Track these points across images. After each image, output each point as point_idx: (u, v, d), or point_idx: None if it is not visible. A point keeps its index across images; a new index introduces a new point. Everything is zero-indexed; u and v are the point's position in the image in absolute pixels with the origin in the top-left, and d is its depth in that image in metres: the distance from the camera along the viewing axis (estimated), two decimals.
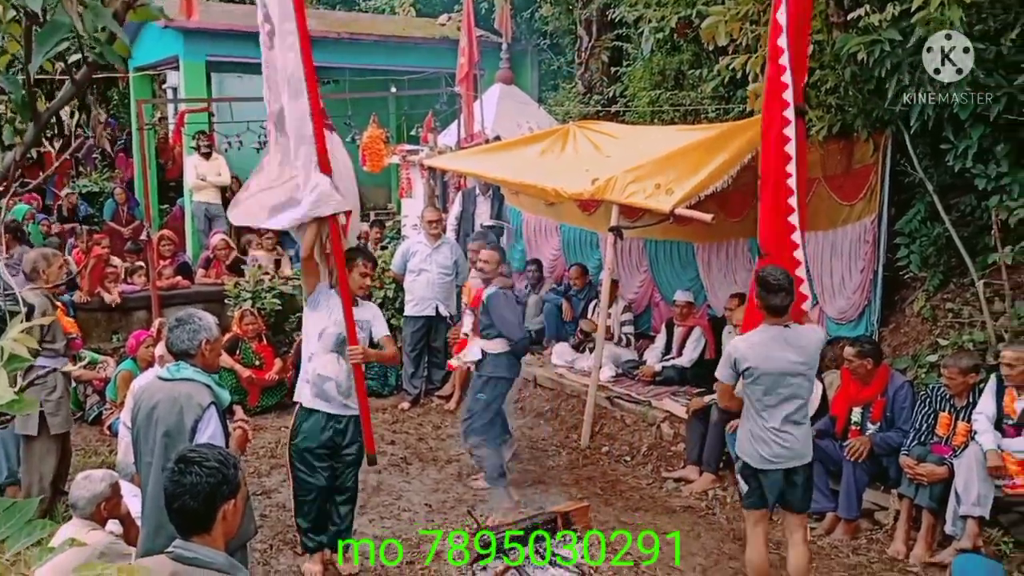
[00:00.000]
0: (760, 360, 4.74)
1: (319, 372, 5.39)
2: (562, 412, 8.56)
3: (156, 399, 4.01)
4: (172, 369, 4.08)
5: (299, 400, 5.53)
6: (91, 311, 9.99)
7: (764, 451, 4.84)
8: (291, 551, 5.98)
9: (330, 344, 5.38)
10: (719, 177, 7.11)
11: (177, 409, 3.94)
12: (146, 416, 4.01)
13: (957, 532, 5.54)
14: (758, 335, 4.85)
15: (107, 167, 16.02)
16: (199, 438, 3.82)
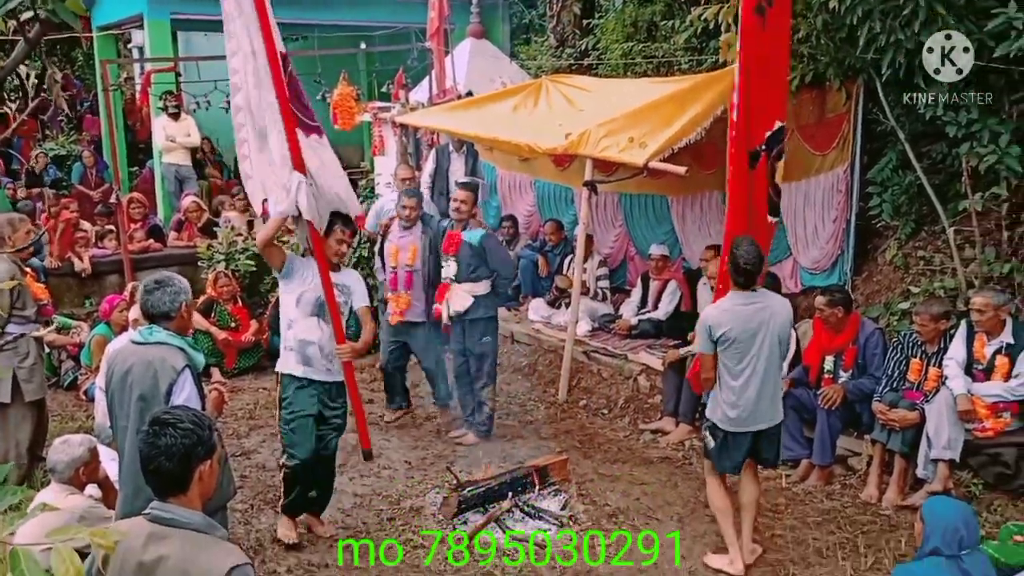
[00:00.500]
0: (734, 325, 4.86)
1: (300, 338, 5.28)
2: (539, 367, 8.61)
3: (130, 363, 3.98)
4: (145, 333, 4.02)
5: (281, 370, 5.40)
6: (62, 276, 9.88)
7: (735, 415, 4.97)
8: (272, 510, 6.00)
9: (309, 308, 5.29)
10: (692, 130, 7.09)
11: (152, 373, 3.91)
12: (120, 380, 3.99)
13: (928, 475, 5.65)
14: (729, 302, 4.98)
15: (73, 129, 15.76)
16: (174, 401, 3.79)
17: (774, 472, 6.38)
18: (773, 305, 5.00)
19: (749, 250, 4.88)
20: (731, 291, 5.02)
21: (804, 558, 5.27)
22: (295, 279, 5.31)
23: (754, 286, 4.95)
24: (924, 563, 3.63)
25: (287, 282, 5.34)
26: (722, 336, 4.88)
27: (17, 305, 5.91)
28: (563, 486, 6.17)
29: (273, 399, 8.05)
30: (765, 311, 4.93)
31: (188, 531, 2.55)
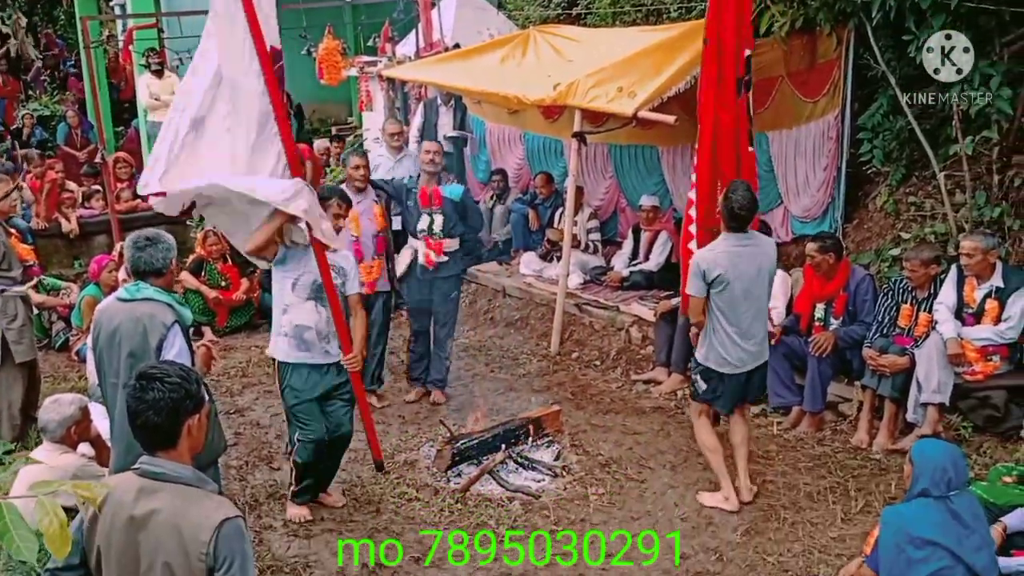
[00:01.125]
0: (728, 268, 4.94)
1: (296, 323, 5.11)
2: (531, 321, 8.61)
3: (117, 320, 3.97)
4: (131, 289, 4.01)
5: (277, 357, 5.21)
6: (50, 237, 9.84)
7: (730, 356, 5.09)
8: (267, 466, 6.04)
9: (305, 292, 5.11)
10: (681, 78, 7.02)
11: (140, 329, 3.91)
12: (108, 338, 3.98)
13: (918, 419, 5.69)
14: (722, 245, 5.06)
15: (57, 90, 15.56)
16: (164, 357, 3.79)
17: (765, 419, 6.45)
18: (764, 247, 5.15)
19: (744, 195, 4.96)
20: (724, 234, 5.09)
21: (795, 503, 5.32)
22: (289, 264, 5.12)
23: (747, 229, 5.04)
24: (913, 504, 3.67)
25: (281, 268, 5.14)
26: (717, 279, 4.94)
27: (2, 266, 5.87)
28: (556, 437, 6.20)
29: (265, 357, 8.11)
30: (758, 254, 5.06)
31: (178, 485, 2.55)
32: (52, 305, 8.27)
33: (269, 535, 5.16)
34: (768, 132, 7.62)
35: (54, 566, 2.68)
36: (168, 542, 2.47)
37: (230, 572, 2.46)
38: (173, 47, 11.40)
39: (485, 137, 10.79)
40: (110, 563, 2.55)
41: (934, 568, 3.53)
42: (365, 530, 5.20)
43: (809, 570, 4.62)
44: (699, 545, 4.95)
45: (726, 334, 5.05)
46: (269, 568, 4.80)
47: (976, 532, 3.61)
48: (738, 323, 5.02)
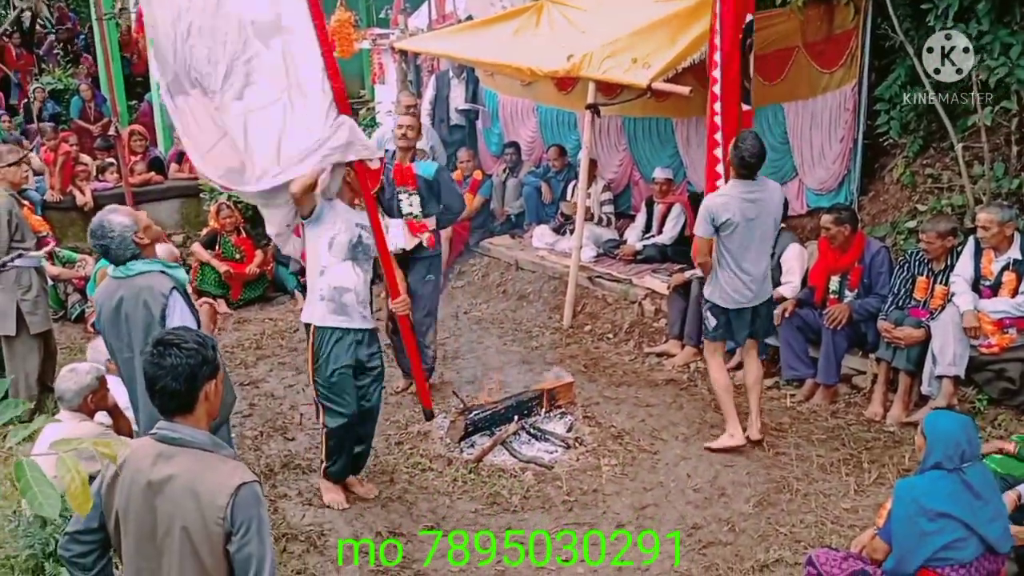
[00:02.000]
0: (736, 211, 5.25)
1: (335, 284, 4.85)
2: (544, 294, 8.61)
3: (118, 296, 3.99)
4: (122, 269, 4.00)
5: (314, 321, 4.90)
6: (65, 210, 9.86)
7: (737, 295, 5.43)
8: (281, 436, 6.08)
9: (343, 252, 4.86)
10: (696, 48, 6.96)
11: (142, 303, 3.92)
12: (113, 314, 4.00)
13: (933, 392, 5.67)
14: (731, 190, 5.39)
15: (70, 63, 15.55)
16: (170, 323, 3.83)
17: (779, 392, 6.45)
18: (772, 192, 5.51)
19: (754, 144, 5.27)
20: (733, 180, 5.40)
21: (808, 474, 5.33)
22: (324, 222, 4.87)
23: (756, 176, 5.36)
24: (926, 476, 3.66)
25: (316, 226, 4.88)
26: (726, 222, 5.26)
27: (16, 238, 5.90)
28: (569, 409, 6.22)
29: (279, 329, 8.19)
30: (765, 199, 5.40)
31: (195, 450, 2.57)
32: (67, 277, 8.30)
33: (284, 504, 5.20)
34: (784, 103, 7.56)
35: (73, 529, 2.71)
36: (186, 506, 2.49)
37: (247, 536, 2.48)
38: None
39: (498, 110, 10.74)
40: (128, 527, 2.58)
41: (947, 540, 3.52)
42: (379, 499, 5.23)
43: (821, 540, 4.62)
44: (711, 516, 4.97)
45: (732, 273, 5.38)
46: (284, 536, 4.84)
47: (990, 503, 3.60)
48: (744, 263, 5.36)
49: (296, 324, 8.30)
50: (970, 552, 3.50)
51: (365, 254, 4.96)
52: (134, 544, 2.58)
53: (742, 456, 5.57)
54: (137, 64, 14.49)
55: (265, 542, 2.52)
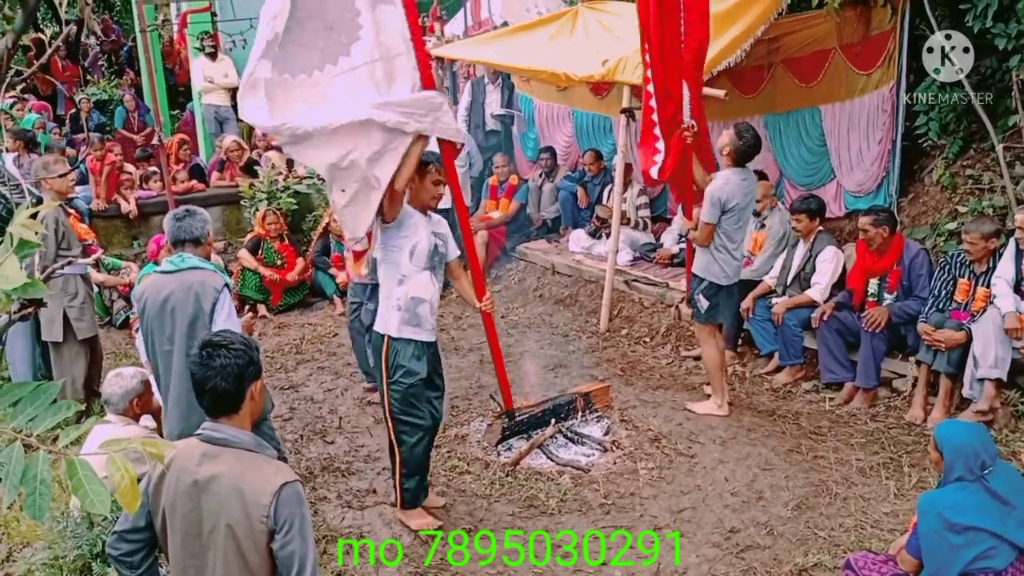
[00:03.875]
0: (740, 196, 5.80)
1: (413, 295, 4.68)
2: (581, 298, 8.63)
3: (167, 290, 4.15)
4: (176, 261, 4.20)
5: (391, 333, 4.70)
6: (110, 218, 10.08)
7: (727, 269, 5.96)
8: (321, 440, 6.16)
9: (423, 261, 4.70)
10: (732, 52, 6.96)
11: (193, 296, 4.09)
12: (158, 308, 4.15)
13: (975, 395, 5.60)
14: (733, 177, 5.84)
15: (114, 74, 15.87)
16: (217, 318, 4.03)
17: (817, 395, 6.41)
18: (754, 177, 6.05)
19: (754, 135, 5.82)
20: (732, 169, 5.85)
21: (847, 478, 5.29)
22: (407, 228, 4.68)
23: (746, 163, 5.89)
24: (948, 489, 3.60)
25: (398, 233, 4.67)
26: (732, 208, 5.78)
27: (63, 246, 6.05)
28: (606, 412, 6.23)
29: (318, 334, 8.29)
30: (752, 183, 5.98)
31: (239, 450, 2.64)
32: (113, 284, 8.50)
33: (323, 506, 5.27)
34: (821, 105, 7.51)
35: (121, 528, 2.79)
36: (230, 505, 2.56)
37: (290, 534, 2.55)
38: (227, 30, 11.55)
39: (534, 115, 10.79)
40: (175, 526, 2.65)
41: (977, 551, 3.47)
42: None
43: (861, 545, 4.59)
44: (749, 519, 4.95)
45: (727, 251, 5.91)
46: (324, 538, 4.91)
47: (1018, 508, 3.54)
48: (736, 241, 5.94)
49: (335, 329, 8.42)
50: (1003, 559, 3.46)
51: (441, 264, 4.86)
52: (180, 542, 2.65)
53: (780, 459, 5.55)
54: (179, 74, 14.76)
55: (308, 540, 2.58)
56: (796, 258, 6.77)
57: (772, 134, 8.05)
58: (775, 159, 8.05)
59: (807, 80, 7.52)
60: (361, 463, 5.81)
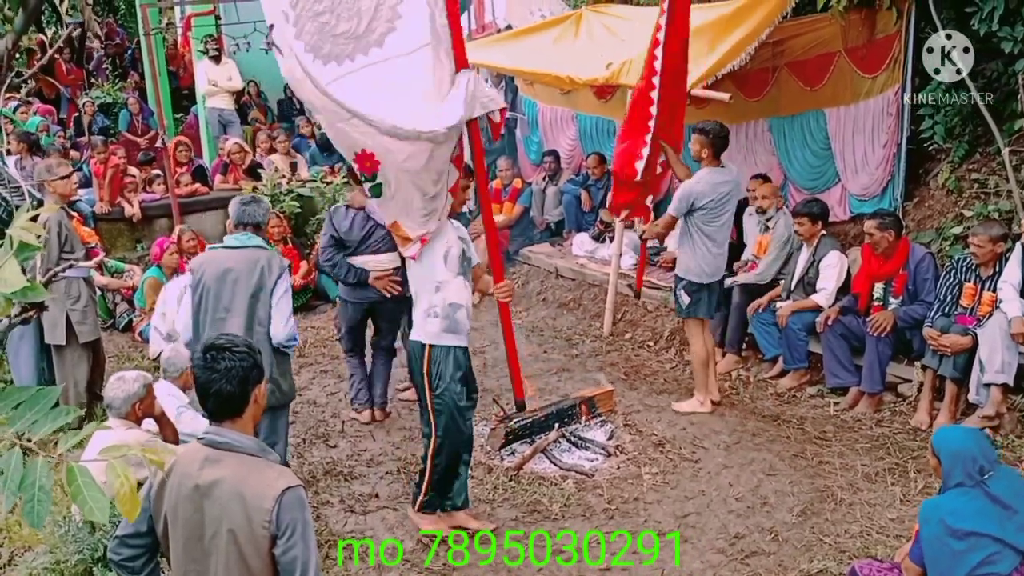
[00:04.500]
0: (713, 194, 5.91)
1: (451, 301, 4.60)
2: (584, 301, 8.61)
3: (228, 264, 4.67)
4: (241, 238, 4.75)
5: (430, 341, 4.63)
6: (113, 221, 10.06)
7: (708, 268, 6.07)
8: (323, 444, 6.15)
9: (456, 266, 4.65)
10: (736, 55, 6.94)
11: (259, 270, 4.62)
12: (219, 279, 4.65)
13: (981, 400, 5.57)
14: (707, 175, 5.97)
15: (118, 77, 15.88)
16: (277, 294, 4.64)
17: (822, 400, 6.39)
18: (735, 175, 6.12)
19: (722, 128, 5.98)
20: (709, 168, 5.97)
21: (852, 483, 5.26)
22: (440, 233, 4.62)
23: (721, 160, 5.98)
24: (949, 496, 3.58)
25: (433, 237, 4.62)
26: (704, 206, 5.90)
27: (66, 249, 6.04)
28: (609, 417, 6.21)
29: (321, 337, 8.28)
30: (731, 181, 6.02)
31: (241, 454, 2.62)
32: (116, 287, 8.49)
33: (326, 511, 5.25)
34: (825, 109, 7.48)
35: (123, 533, 2.77)
36: (232, 509, 2.54)
37: (292, 539, 2.53)
38: (230, 33, 11.55)
39: (537, 118, 10.77)
40: (177, 530, 2.63)
41: (980, 557, 3.45)
42: None
43: (866, 551, 4.56)
44: (754, 525, 4.93)
45: (707, 249, 6.02)
46: (327, 543, 4.89)
47: (1019, 512, 3.51)
48: (716, 240, 6.02)
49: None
50: (1007, 564, 3.43)
51: (470, 268, 4.80)
52: (182, 546, 2.63)
53: (785, 464, 5.53)
54: (183, 77, 14.75)
55: (310, 545, 2.56)
56: (800, 262, 6.74)
57: (777, 137, 8.02)
58: (779, 163, 8.03)
59: (812, 83, 7.50)
60: (364, 467, 5.79)
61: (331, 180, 10.44)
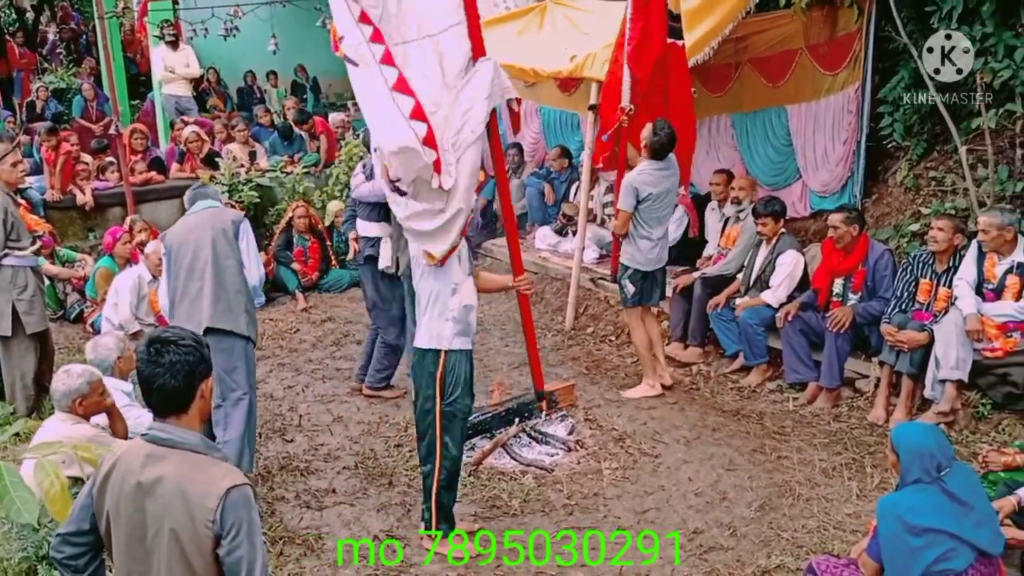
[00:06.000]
0: (656, 186, 6.11)
1: (465, 303, 4.49)
2: (546, 295, 8.57)
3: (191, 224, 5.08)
4: (202, 204, 5.17)
5: (447, 346, 4.46)
6: (65, 210, 9.81)
7: (651, 256, 6.28)
8: (280, 438, 6.05)
9: (467, 267, 4.53)
10: (699, 50, 6.95)
11: (218, 220, 5.03)
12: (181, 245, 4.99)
13: (936, 396, 5.61)
14: (649, 168, 6.16)
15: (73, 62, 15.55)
16: (243, 240, 5.01)
17: (781, 395, 6.41)
18: (675, 168, 6.31)
19: (670, 132, 6.09)
20: (649, 160, 6.15)
21: (810, 478, 5.28)
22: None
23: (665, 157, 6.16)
24: (906, 492, 3.60)
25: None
26: (648, 196, 6.09)
27: (12, 237, 5.86)
28: (570, 412, 6.17)
29: (279, 329, 8.18)
30: (671, 175, 6.24)
31: (186, 451, 2.53)
32: (66, 276, 8.27)
33: (281, 506, 5.16)
34: (787, 105, 7.53)
35: (65, 531, 2.67)
36: (175, 508, 2.46)
37: (237, 539, 2.44)
38: (188, 19, 11.35)
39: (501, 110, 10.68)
40: (119, 529, 2.54)
41: (937, 553, 3.46)
42: (377, 503, 5.19)
43: (823, 546, 4.57)
44: (713, 520, 4.92)
45: (648, 239, 6.23)
46: (281, 539, 4.81)
47: (975, 508, 3.54)
48: (657, 229, 6.25)
49: (296, 325, 8.29)
50: (963, 560, 3.44)
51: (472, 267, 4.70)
52: (124, 546, 2.54)
53: (744, 460, 5.53)
54: (141, 63, 14.49)
55: (256, 545, 2.48)
56: (758, 259, 6.76)
57: (739, 133, 8.05)
58: (742, 158, 8.05)
59: (774, 80, 7.53)
60: (321, 462, 5.70)
61: (291, 171, 10.30)
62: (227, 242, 4.99)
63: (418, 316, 4.57)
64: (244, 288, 5.08)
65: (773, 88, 7.55)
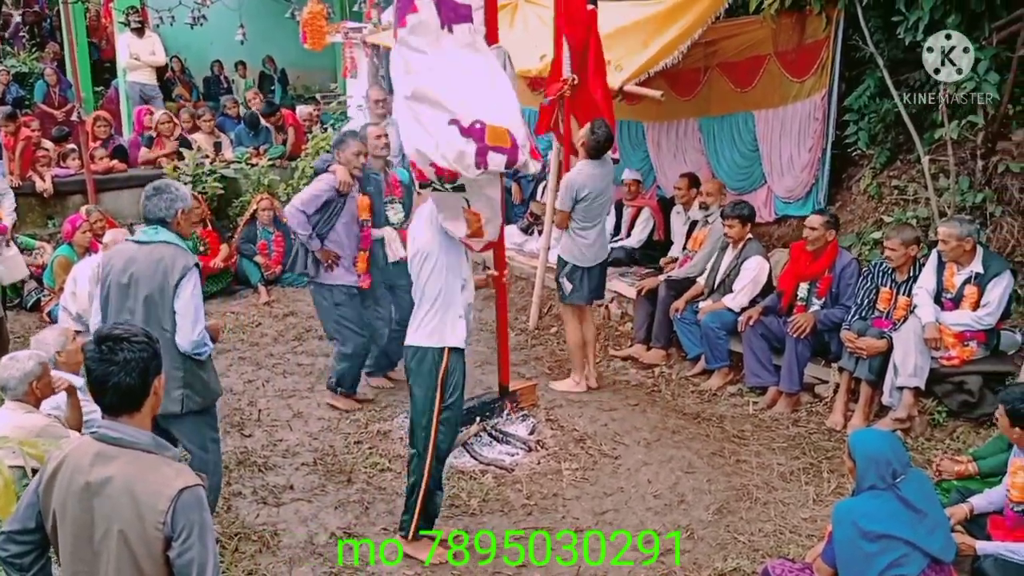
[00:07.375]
0: (593, 186, 6.23)
1: (469, 300, 4.44)
2: (511, 294, 8.53)
3: (133, 261, 4.10)
4: (149, 232, 4.16)
5: (444, 344, 4.35)
6: (24, 196, 9.62)
7: (588, 253, 6.39)
8: (238, 432, 5.98)
9: (470, 263, 4.52)
10: (669, 53, 6.95)
11: (161, 270, 4.05)
12: (120, 278, 4.09)
13: (894, 403, 5.68)
14: (587, 168, 6.28)
15: (36, 47, 15.25)
16: (180, 297, 4.01)
17: (741, 399, 6.45)
18: (611, 167, 6.50)
19: (607, 132, 6.23)
20: (586, 160, 6.27)
21: (768, 482, 5.31)
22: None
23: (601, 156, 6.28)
24: (862, 498, 3.64)
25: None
26: (586, 195, 6.21)
27: None
28: (531, 412, 6.17)
29: (241, 323, 8.11)
30: (607, 174, 6.40)
31: (136, 451, 2.48)
32: None
33: (238, 502, 5.10)
34: (754, 111, 7.57)
35: (10, 528, 2.62)
36: (123, 509, 2.40)
37: (188, 541, 2.39)
38: (155, 6, 11.17)
39: None
40: (65, 529, 2.49)
41: (891, 558, 3.50)
42: (335, 500, 5.15)
43: (779, 550, 4.60)
44: (670, 522, 4.94)
45: (585, 236, 6.35)
46: (237, 535, 4.75)
47: (928, 515, 3.58)
48: (596, 228, 6.37)
49: (258, 319, 8.20)
50: (915, 566, 3.49)
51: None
52: (71, 546, 2.49)
53: (703, 463, 5.56)
54: (105, 50, 14.25)
55: (208, 547, 2.43)
56: (723, 263, 6.79)
57: (706, 137, 8.09)
58: (708, 162, 8.09)
59: (742, 85, 7.57)
60: (279, 458, 5.65)
61: (256, 163, 10.19)
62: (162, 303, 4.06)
63: (418, 313, 4.44)
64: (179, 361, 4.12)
65: (741, 93, 7.59)
